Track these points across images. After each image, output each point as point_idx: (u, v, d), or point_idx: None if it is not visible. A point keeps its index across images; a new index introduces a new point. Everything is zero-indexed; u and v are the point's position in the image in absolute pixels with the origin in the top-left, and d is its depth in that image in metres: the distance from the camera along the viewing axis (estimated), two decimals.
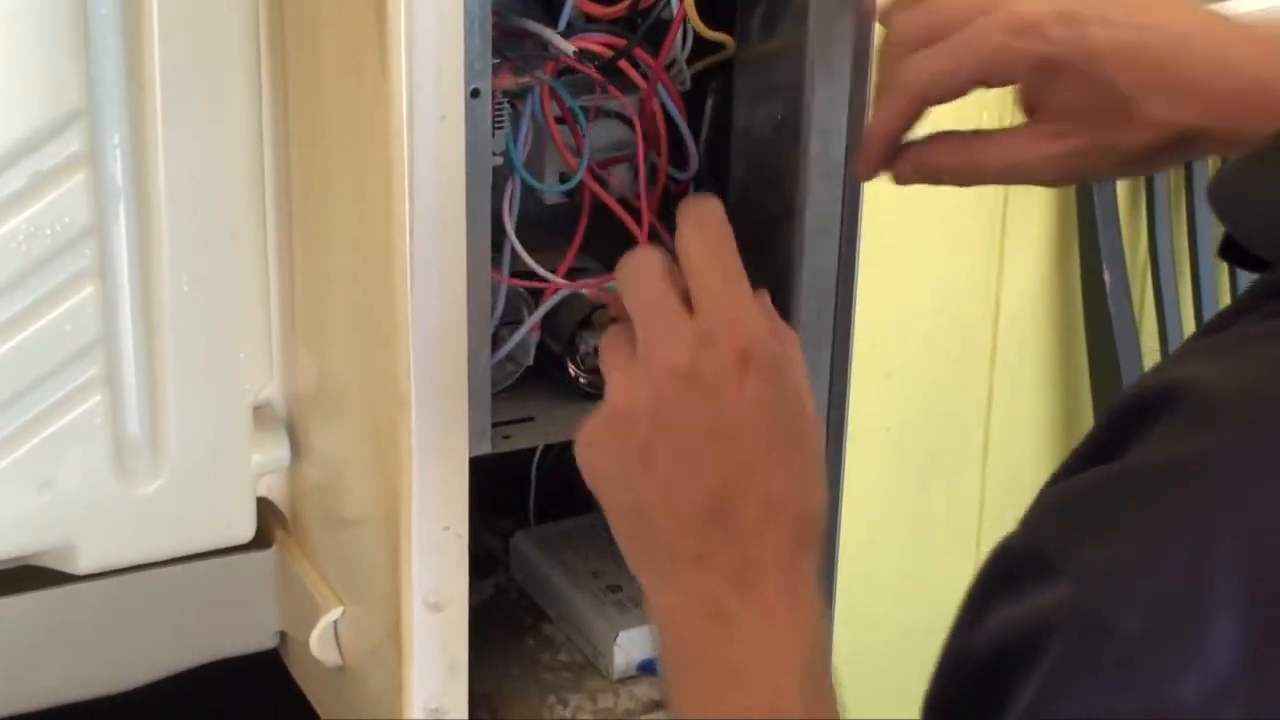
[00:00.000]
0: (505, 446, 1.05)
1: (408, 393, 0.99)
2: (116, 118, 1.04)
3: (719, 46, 1.06)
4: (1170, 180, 1.94)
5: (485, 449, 1.03)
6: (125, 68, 1.03)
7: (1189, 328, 1.96)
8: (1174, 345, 1.93)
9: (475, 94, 0.95)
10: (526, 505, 1.29)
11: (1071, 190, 1.91)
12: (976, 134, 0.93)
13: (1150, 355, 1.93)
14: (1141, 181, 1.93)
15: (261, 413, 1.14)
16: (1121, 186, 1.91)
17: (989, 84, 0.91)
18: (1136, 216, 1.96)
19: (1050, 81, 0.88)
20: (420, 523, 1.02)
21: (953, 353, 1.97)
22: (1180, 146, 0.88)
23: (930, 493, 2.02)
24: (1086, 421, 2.00)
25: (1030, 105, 0.91)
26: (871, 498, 1.97)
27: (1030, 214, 1.94)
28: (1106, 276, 1.90)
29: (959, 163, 0.94)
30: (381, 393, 1.01)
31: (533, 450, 1.27)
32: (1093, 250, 1.90)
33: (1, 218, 1.03)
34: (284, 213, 1.10)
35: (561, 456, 1.32)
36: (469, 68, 0.94)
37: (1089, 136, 0.89)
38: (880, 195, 1.26)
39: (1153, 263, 1.94)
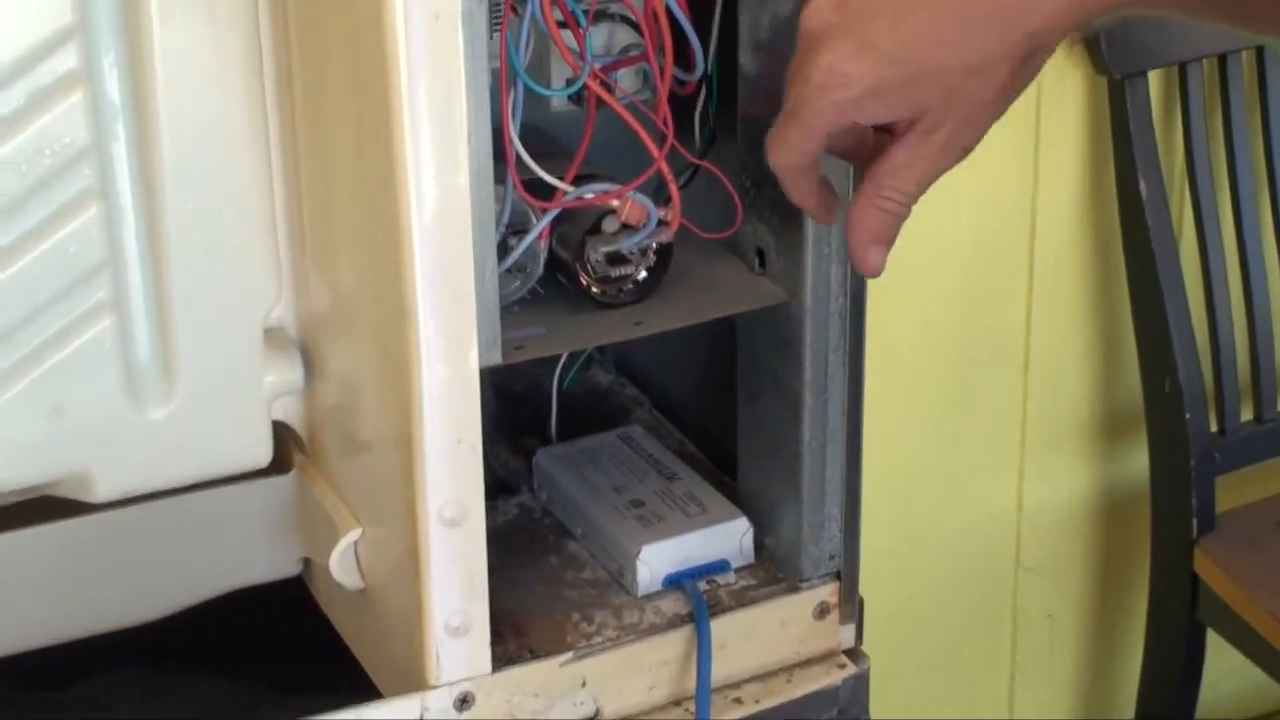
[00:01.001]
0: (517, 357, 1.03)
1: (414, 304, 0.97)
2: (110, 33, 1.02)
3: None
4: (1204, 89, 1.89)
5: (495, 360, 1.01)
6: None
7: (1229, 239, 1.91)
8: (1214, 257, 1.89)
9: None
10: (549, 424, 1.27)
11: (1104, 100, 1.87)
12: (876, 191, 0.91)
13: (1190, 266, 1.89)
14: (1176, 91, 1.89)
15: (274, 335, 1.12)
16: (1155, 96, 1.87)
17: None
18: (1171, 126, 1.92)
19: (883, 101, 0.88)
20: (432, 436, 1.00)
21: (989, 268, 1.95)
22: (1031, 58, 0.86)
23: (973, 412, 1.99)
24: (1127, 337, 1.96)
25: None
26: (913, 418, 1.94)
27: (1064, 125, 1.91)
28: (1142, 187, 1.85)
29: (892, 216, 0.92)
30: (389, 306, 0.99)
31: (553, 368, 1.25)
32: (1128, 161, 1.86)
33: (1, 138, 1.01)
34: (287, 126, 1.08)
35: (582, 373, 1.30)
36: None
37: (950, 113, 0.87)
38: None
39: (1189, 173, 1.89)
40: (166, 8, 1.01)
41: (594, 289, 1.07)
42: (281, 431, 1.15)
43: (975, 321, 1.96)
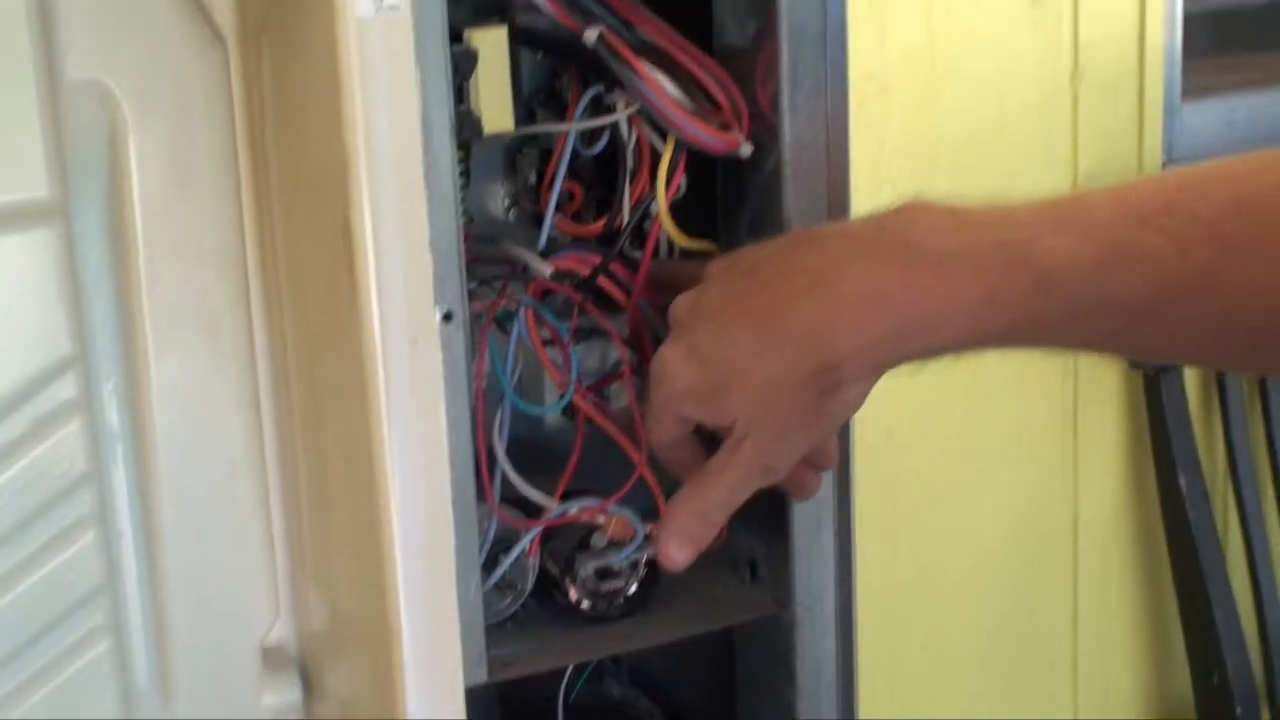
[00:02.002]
0: (504, 675, 1.03)
1: (397, 624, 0.98)
2: (110, 363, 1.05)
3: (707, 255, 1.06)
4: (1243, 382, 1.90)
5: (481, 678, 1.01)
6: (116, 314, 1.04)
7: (1274, 530, 1.90)
8: (1259, 549, 1.88)
9: (448, 318, 0.95)
10: None
11: (1141, 394, 1.88)
12: (691, 490, 0.96)
13: (1235, 559, 1.88)
14: (1213, 385, 1.90)
15: (273, 654, 1.13)
16: (1193, 391, 1.87)
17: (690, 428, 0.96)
18: (1211, 419, 1.92)
19: (702, 404, 0.92)
20: None
21: (1034, 564, 1.93)
22: (831, 392, 0.89)
23: (1023, 709, 1.96)
24: (1175, 633, 1.94)
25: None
26: (951, 675, 1.92)
27: (1103, 419, 1.91)
28: (1182, 481, 1.85)
29: (703, 518, 0.97)
30: (376, 626, 1.00)
31: (561, 677, 1.25)
32: (1166, 456, 1.86)
33: (1, 465, 1.03)
34: (287, 448, 1.10)
35: (596, 685, 1.30)
36: (439, 291, 0.93)
37: (753, 427, 0.91)
38: (945, 410, 1.25)
39: (1231, 466, 1.89)
40: (163, 338, 1.04)
41: (584, 604, 1.07)
42: None
43: (1021, 617, 1.94)
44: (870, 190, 1.73)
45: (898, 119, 1.70)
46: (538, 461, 1.07)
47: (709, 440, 0.98)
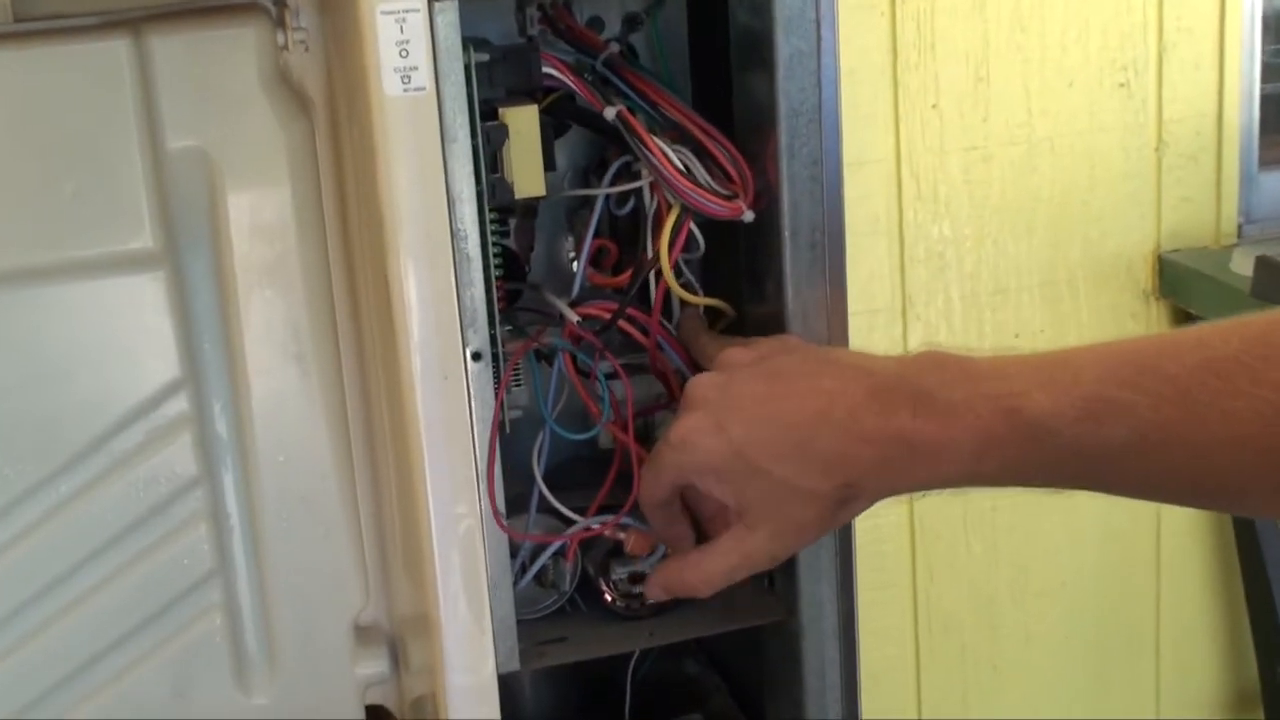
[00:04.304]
0: (538, 663, 0.98)
1: (438, 620, 0.93)
2: (217, 383, 1.02)
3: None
4: None
5: (514, 667, 0.96)
6: (221, 343, 1.01)
7: None
8: None
9: (476, 357, 0.90)
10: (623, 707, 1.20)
11: None
12: (691, 563, 0.88)
13: None
14: None
15: (366, 632, 1.10)
16: None
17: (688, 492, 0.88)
18: None
19: (720, 482, 0.84)
20: None
21: (1121, 570, 1.83)
22: (846, 504, 0.82)
23: (1109, 696, 1.86)
24: (1245, 632, 1.82)
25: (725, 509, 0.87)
26: (1056, 699, 1.82)
27: None
28: None
29: (686, 581, 0.89)
30: (427, 619, 0.96)
31: (629, 659, 1.19)
32: None
33: (123, 470, 1.02)
34: (376, 454, 1.06)
35: (654, 666, 1.24)
36: (465, 334, 0.89)
37: (770, 521, 0.83)
38: None
39: None
40: (261, 362, 1.01)
41: (617, 604, 1.01)
42: (382, 714, 1.12)
43: (1110, 616, 1.84)
44: (975, 240, 1.65)
45: (998, 184, 1.64)
46: (581, 480, 1.01)
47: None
